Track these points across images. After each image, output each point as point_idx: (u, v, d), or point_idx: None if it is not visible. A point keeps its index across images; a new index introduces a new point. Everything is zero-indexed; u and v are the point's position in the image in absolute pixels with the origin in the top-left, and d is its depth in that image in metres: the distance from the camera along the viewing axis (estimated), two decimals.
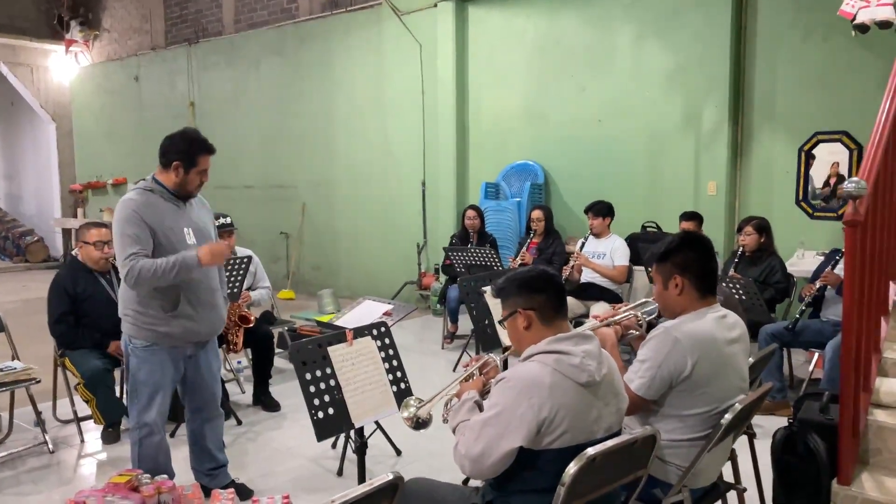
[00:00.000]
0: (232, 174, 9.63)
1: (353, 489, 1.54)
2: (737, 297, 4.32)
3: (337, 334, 2.87)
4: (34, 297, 8.69)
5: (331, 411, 2.69)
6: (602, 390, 2.00)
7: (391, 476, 1.61)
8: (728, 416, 2.20)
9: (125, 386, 3.62)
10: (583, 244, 5.71)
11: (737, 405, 2.23)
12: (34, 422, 4.08)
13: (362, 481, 2.75)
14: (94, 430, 4.23)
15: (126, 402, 3.44)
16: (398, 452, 3.88)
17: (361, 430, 2.86)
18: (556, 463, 1.87)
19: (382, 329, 3.04)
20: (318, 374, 2.71)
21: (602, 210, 5.68)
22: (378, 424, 3.81)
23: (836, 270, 4.26)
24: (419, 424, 2.35)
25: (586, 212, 5.79)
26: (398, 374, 2.98)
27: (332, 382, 2.73)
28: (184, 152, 3.00)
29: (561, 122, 7.04)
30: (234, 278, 4.56)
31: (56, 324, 4.06)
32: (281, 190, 9.53)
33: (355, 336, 2.89)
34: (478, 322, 4.03)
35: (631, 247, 5.70)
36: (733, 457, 2.67)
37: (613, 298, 5.47)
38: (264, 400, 4.70)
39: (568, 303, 2.23)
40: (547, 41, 7.08)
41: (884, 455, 2.89)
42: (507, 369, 2.10)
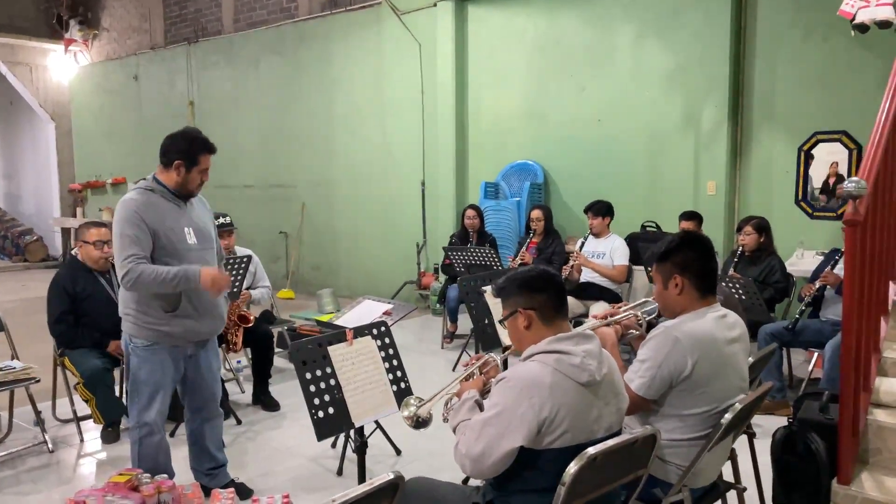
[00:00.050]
0: (231, 174, 9.63)
1: (353, 489, 1.53)
2: (736, 296, 4.32)
3: (337, 334, 2.87)
4: (33, 296, 8.68)
5: (331, 411, 2.69)
6: (602, 390, 2.00)
7: (391, 475, 1.61)
8: (728, 416, 2.20)
9: (125, 385, 3.62)
10: (582, 244, 5.71)
11: (737, 405, 2.23)
12: (34, 421, 4.08)
13: (362, 481, 2.75)
14: (93, 430, 4.23)
15: (126, 401, 3.44)
16: (398, 452, 3.88)
17: (361, 430, 2.86)
18: (557, 462, 1.88)
19: (382, 328, 3.04)
20: (318, 373, 2.71)
21: (601, 210, 5.68)
22: (378, 424, 3.81)
23: (836, 270, 4.27)
24: (419, 423, 2.35)
25: (586, 211, 5.79)
26: (398, 374, 2.98)
27: (332, 382, 2.73)
28: (185, 151, 3.00)
29: (561, 122, 7.03)
30: (233, 278, 4.55)
31: (56, 323, 4.06)
32: (280, 189, 9.52)
33: (355, 336, 2.89)
34: (477, 321, 4.03)
35: (630, 246, 5.69)
36: (733, 456, 2.67)
37: (613, 298, 5.47)
38: (264, 399, 4.71)
39: (567, 302, 2.23)
40: (547, 41, 7.08)
41: (883, 455, 2.89)
42: (507, 369, 2.10)
